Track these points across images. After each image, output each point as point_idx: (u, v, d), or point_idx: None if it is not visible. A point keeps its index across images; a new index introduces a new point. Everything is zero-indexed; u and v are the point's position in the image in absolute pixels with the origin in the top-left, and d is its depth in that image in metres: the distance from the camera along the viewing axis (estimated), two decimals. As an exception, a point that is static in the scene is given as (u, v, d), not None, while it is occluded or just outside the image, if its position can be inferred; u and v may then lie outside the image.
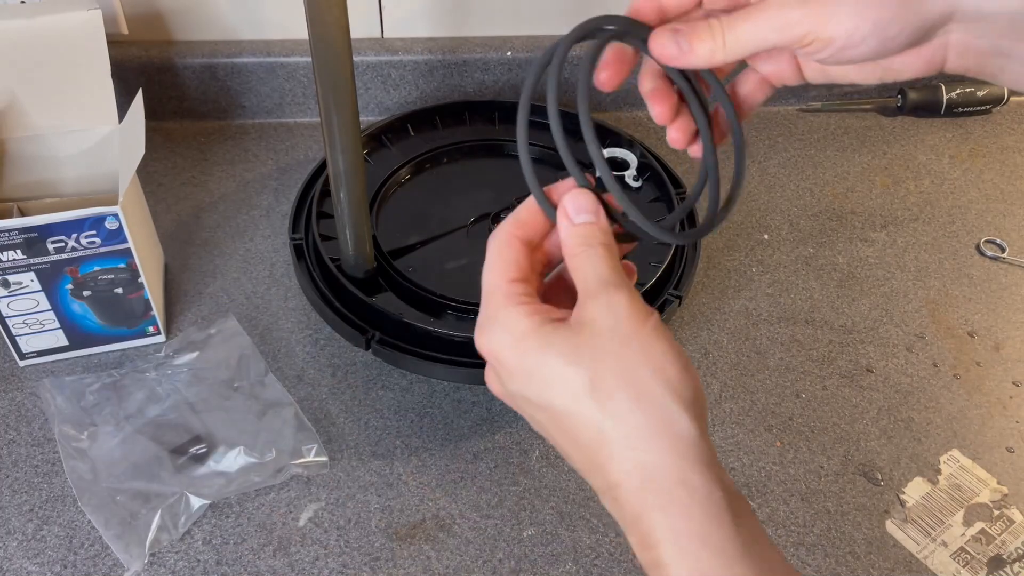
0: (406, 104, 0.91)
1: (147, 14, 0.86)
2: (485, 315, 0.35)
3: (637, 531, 0.32)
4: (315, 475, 0.60)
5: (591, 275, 0.34)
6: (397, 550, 0.56)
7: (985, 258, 0.79)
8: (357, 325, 0.64)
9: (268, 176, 0.84)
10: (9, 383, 0.65)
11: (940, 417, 0.65)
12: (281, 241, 0.77)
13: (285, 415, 0.62)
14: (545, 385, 0.33)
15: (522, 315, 0.34)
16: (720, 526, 0.31)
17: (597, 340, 0.33)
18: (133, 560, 0.55)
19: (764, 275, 0.76)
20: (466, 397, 0.65)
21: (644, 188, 0.77)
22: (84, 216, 0.58)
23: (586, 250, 0.35)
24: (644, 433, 0.32)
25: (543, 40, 0.89)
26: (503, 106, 0.84)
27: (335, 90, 0.57)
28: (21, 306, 0.62)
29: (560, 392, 0.33)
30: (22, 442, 0.61)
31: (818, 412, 0.65)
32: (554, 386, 0.33)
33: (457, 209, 0.74)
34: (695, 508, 0.31)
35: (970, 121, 0.95)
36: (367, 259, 0.67)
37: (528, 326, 0.34)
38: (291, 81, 0.88)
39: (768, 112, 0.95)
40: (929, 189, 0.86)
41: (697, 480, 0.31)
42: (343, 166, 0.61)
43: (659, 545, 0.31)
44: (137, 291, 0.64)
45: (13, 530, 0.56)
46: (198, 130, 0.89)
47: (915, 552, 0.57)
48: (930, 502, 0.60)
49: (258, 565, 0.55)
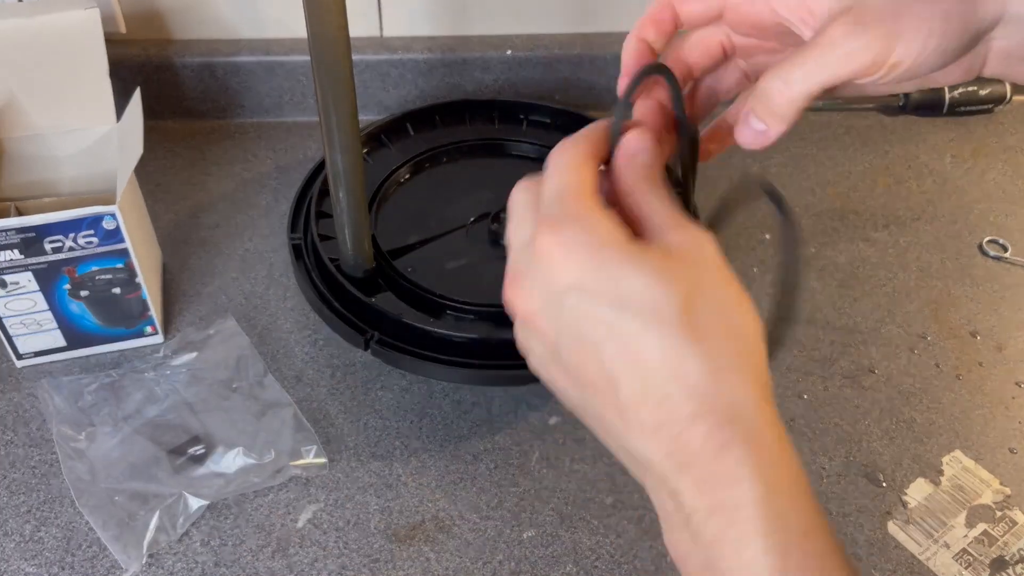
0: (406, 103, 0.90)
1: (145, 13, 0.86)
2: (559, 213, 0.31)
3: (707, 470, 0.29)
4: (314, 476, 0.60)
5: (667, 210, 0.32)
6: (396, 551, 0.56)
7: (988, 258, 0.78)
8: (356, 325, 0.64)
9: (267, 175, 0.84)
10: (7, 383, 0.65)
11: (942, 418, 0.65)
12: (280, 241, 0.77)
13: (284, 416, 0.62)
14: (622, 300, 0.30)
15: (611, 223, 0.31)
16: (803, 476, 0.30)
17: (692, 268, 0.30)
18: (131, 561, 0.54)
19: (765, 275, 0.76)
20: (466, 398, 0.65)
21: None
22: (82, 216, 0.58)
23: (650, 188, 0.33)
24: (736, 370, 0.30)
25: (543, 39, 0.89)
26: (503, 105, 0.84)
27: (334, 89, 0.57)
28: (18, 306, 0.62)
29: (642, 310, 0.29)
30: (20, 443, 0.61)
31: (820, 413, 0.65)
32: (634, 302, 0.29)
33: (457, 209, 0.74)
34: (786, 451, 0.30)
35: (972, 120, 0.94)
36: (366, 259, 0.67)
37: (616, 236, 0.30)
38: (290, 80, 0.88)
39: (769, 111, 0.94)
40: (931, 189, 0.86)
41: (780, 427, 0.30)
42: (342, 165, 0.60)
43: (739, 483, 0.29)
44: (135, 291, 0.64)
45: (11, 531, 0.56)
46: (197, 129, 0.89)
47: (917, 553, 0.57)
48: (932, 503, 0.60)
49: (257, 566, 0.55)
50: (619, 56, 0.39)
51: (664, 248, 0.31)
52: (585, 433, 0.63)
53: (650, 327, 0.29)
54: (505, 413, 0.64)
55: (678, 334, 0.29)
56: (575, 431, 0.63)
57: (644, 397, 0.30)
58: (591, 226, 0.31)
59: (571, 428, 0.63)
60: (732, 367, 0.30)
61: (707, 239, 0.31)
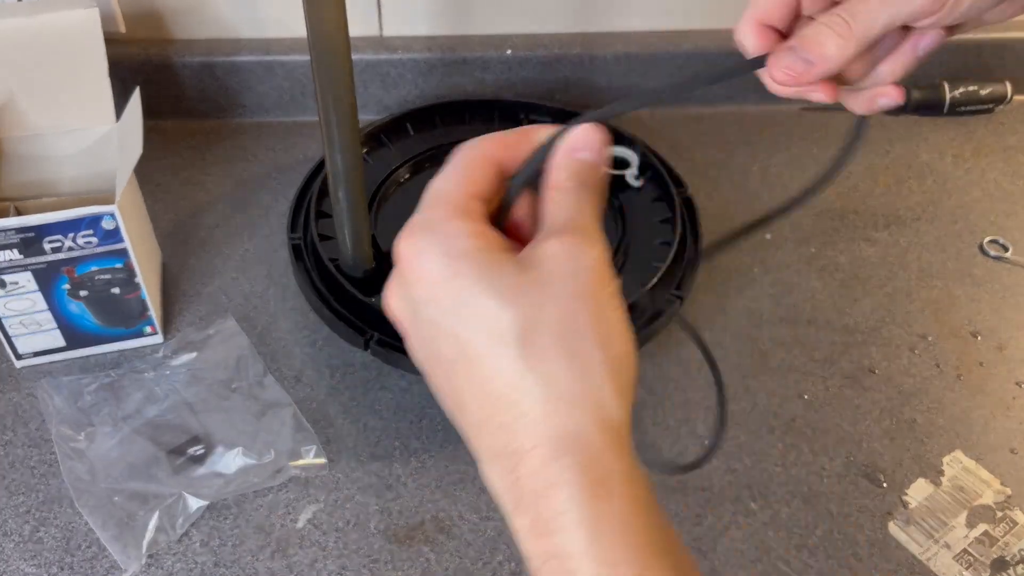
0: (405, 103, 0.90)
1: (145, 12, 0.85)
2: (421, 219, 0.30)
3: (535, 512, 0.27)
4: (314, 476, 0.60)
5: (568, 214, 0.30)
6: (396, 552, 0.56)
7: (988, 258, 0.78)
8: (356, 325, 0.64)
9: (267, 175, 0.84)
10: (6, 384, 0.65)
11: (943, 418, 0.65)
12: (279, 241, 0.77)
13: (283, 416, 0.62)
14: (467, 319, 0.28)
15: (467, 233, 0.29)
16: (642, 515, 0.27)
17: (546, 286, 0.28)
18: (130, 561, 0.54)
19: (766, 275, 0.76)
20: (466, 398, 0.65)
21: (646, 187, 0.77)
22: (81, 216, 0.58)
23: (576, 187, 0.31)
24: (571, 401, 0.27)
25: (543, 38, 0.88)
26: (503, 105, 0.84)
27: (334, 89, 0.56)
28: (18, 306, 0.61)
29: (482, 331, 0.28)
30: (19, 443, 0.61)
31: (820, 413, 0.65)
32: (477, 323, 0.28)
33: (457, 208, 0.74)
34: (617, 490, 0.27)
35: (973, 120, 0.94)
36: (366, 259, 0.67)
37: (470, 247, 0.29)
38: (290, 80, 0.88)
39: (770, 111, 0.94)
40: (932, 188, 0.86)
41: (624, 463, 0.27)
42: (342, 165, 0.60)
43: (564, 530, 0.26)
44: (134, 291, 0.64)
45: (10, 531, 0.56)
46: (196, 129, 0.89)
47: (918, 554, 0.57)
48: (933, 504, 0.60)
49: (256, 567, 0.55)
50: (619, 55, 0.39)
51: (527, 260, 0.29)
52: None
53: (493, 349, 0.28)
54: (505, 413, 0.64)
55: (518, 358, 0.27)
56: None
57: (486, 422, 0.28)
58: (447, 238, 0.29)
59: (571, 428, 0.63)
60: (570, 397, 0.27)
61: (589, 248, 0.29)
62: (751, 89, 0.94)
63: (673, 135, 0.90)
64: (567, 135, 0.32)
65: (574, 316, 0.28)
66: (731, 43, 0.36)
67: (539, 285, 0.28)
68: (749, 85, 1.05)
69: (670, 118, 0.93)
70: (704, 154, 0.88)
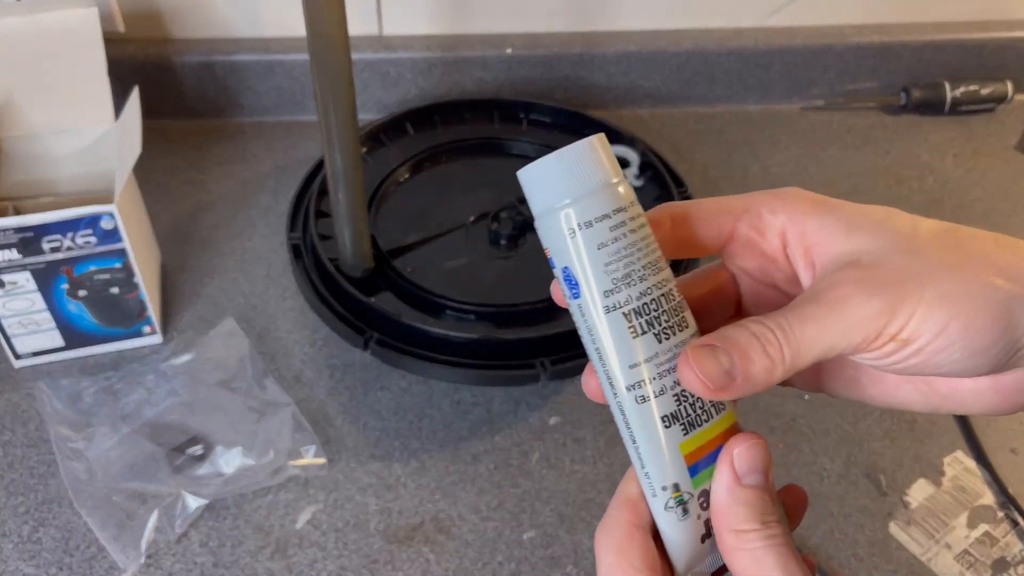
0: (405, 102, 0.90)
1: (144, 11, 0.85)
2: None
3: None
4: (313, 476, 0.59)
5: (778, 573, 0.25)
6: (396, 552, 0.56)
7: (989, 257, 0.78)
8: (355, 325, 0.64)
9: (266, 175, 0.84)
10: (4, 384, 0.64)
11: (943, 418, 0.65)
12: (279, 240, 0.76)
13: (283, 416, 0.61)
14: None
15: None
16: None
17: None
18: (129, 562, 0.54)
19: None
20: (465, 398, 0.65)
21: (646, 187, 0.77)
22: (80, 215, 0.58)
23: (765, 541, 0.25)
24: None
25: (543, 38, 0.88)
26: (503, 104, 0.84)
27: (333, 88, 0.56)
28: (17, 306, 0.61)
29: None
30: (18, 443, 0.61)
31: (821, 413, 0.65)
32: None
33: (457, 208, 0.74)
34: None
35: (974, 119, 0.94)
36: (365, 259, 0.67)
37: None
38: (289, 79, 0.88)
39: (770, 110, 0.94)
40: (933, 188, 0.86)
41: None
42: (341, 165, 0.60)
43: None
44: (133, 291, 0.63)
45: (9, 532, 0.56)
46: (195, 129, 0.89)
47: (919, 555, 0.57)
48: (934, 504, 0.60)
49: (255, 567, 0.55)
50: (619, 55, 0.38)
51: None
52: (585, 433, 0.63)
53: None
54: (505, 413, 0.64)
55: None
56: (575, 431, 0.63)
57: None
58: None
59: (571, 428, 0.63)
60: None
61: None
62: (751, 89, 0.94)
63: (673, 135, 0.90)
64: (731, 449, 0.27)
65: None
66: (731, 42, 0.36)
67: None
68: (749, 85, 1.05)
69: (670, 118, 0.93)
70: (704, 154, 0.88)
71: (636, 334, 0.26)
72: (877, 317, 0.25)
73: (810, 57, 0.92)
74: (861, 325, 0.25)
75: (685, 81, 0.92)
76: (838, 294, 0.26)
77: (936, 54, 0.93)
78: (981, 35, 0.93)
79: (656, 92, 0.93)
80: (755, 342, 0.25)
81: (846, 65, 0.93)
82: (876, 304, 0.25)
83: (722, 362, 0.25)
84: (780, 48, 0.91)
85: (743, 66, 0.91)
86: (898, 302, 0.25)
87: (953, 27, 0.93)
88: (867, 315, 0.25)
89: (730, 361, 0.25)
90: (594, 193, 0.27)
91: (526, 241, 0.71)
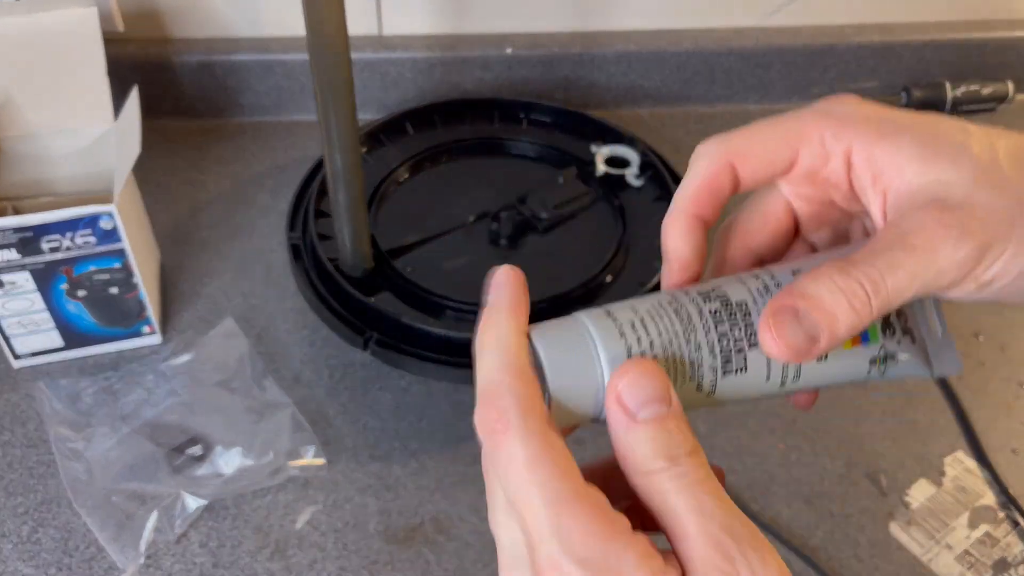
0: (405, 102, 0.90)
1: (143, 11, 0.85)
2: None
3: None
4: (312, 477, 0.59)
5: (693, 518, 0.23)
6: (395, 553, 0.56)
7: (989, 257, 0.78)
8: (355, 325, 0.64)
9: (265, 175, 0.84)
10: (3, 384, 0.64)
11: (944, 419, 0.65)
12: (278, 240, 0.76)
13: (282, 416, 0.61)
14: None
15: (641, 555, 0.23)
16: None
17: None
18: (129, 562, 0.54)
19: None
20: (465, 399, 0.65)
21: (646, 186, 0.77)
22: (79, 215, 0.58)
23: (676, 482, 0.24)
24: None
25: (543, 37, 0.88)
26: (503, 104, 0.83)
27: (333, 88, 0.56)
28: (16, 306, 0.61)
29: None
30: (17, 443, 0.61)
31: (821, 414, 0.65)
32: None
33: (456, 208, 0.74)
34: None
35: (975, 119, 0.94)
36: (365, 258, 0.67)
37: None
38: (289, 79, 0.88)
39: (771, 110, 0.94)
40: (933, 188, 0.86)
41: None
42: (341, 165, 0.60)
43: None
44: (132, 291, 0.63)
45: (8, 532, 0.56)
46: (195, 128, 0.88)
47: (919, 555, 0.57)
48: (934, 504, 0.59)
49: (255, 568, 0.55)
50: (619, 55, 0.38)
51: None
52: (585, 434, 0.63)
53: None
54: (505, 414, 0.64)
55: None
56: (574, 432, 0.63)
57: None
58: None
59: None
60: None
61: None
62: (751, 89, 0.94)
63: (673, 134, 0.90)
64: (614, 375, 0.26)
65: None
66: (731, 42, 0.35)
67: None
68: (749, 85, 1.05)
69: (670, 118, 0.92)
70: (704, 153, 0.88)
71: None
72: (966, 263, 0.25)
73: (810, 57, 0.92)
74: (950, 271, 0.25)
75: (685, 81, 0.92)
76: (926, 239, 0.25)
77: (937, 54, 0.93)
78: (982, 35, 0.92)
79: (656, 92, 0.92)
80: (841, 299, 0.24)
81: (846, 65, 0.93)
82: (966, 250, 0.25)
83: (805, 326, 0.24)
84: (780, 48, 0.90)
85: (743, 66, 0.91)
86: (987, 247, 0.25)
87: (954, 27, 0.93)
88: (957, 261, 0.25)
89: (813, 324, 0.24)
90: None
91: (526, 241, 0.71)
